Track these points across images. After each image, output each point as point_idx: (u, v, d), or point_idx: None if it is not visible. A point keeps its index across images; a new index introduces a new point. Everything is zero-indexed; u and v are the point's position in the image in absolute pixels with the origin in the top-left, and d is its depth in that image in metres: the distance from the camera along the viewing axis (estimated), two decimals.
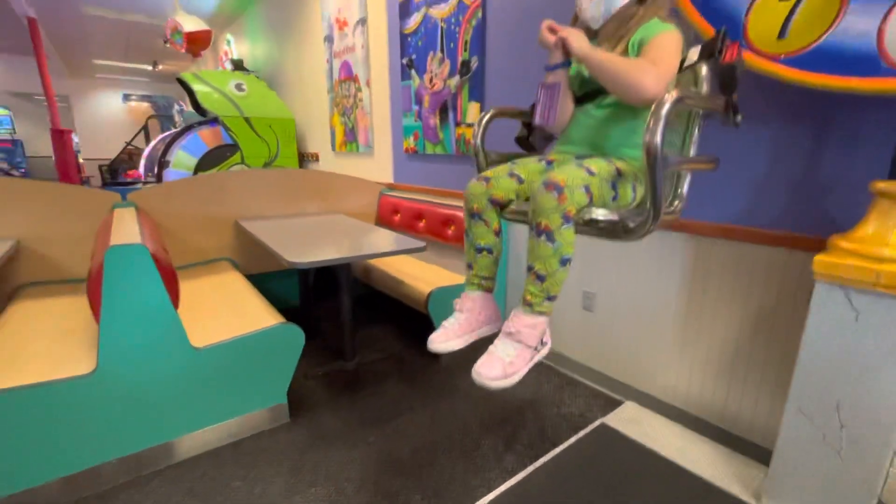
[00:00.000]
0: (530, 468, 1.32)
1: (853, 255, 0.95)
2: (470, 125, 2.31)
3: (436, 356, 2.18)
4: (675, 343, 1.64)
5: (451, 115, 2.43)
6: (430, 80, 2.52)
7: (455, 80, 2.35)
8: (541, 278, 0.84)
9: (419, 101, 2.64)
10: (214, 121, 3.94)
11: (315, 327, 2.53)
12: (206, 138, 3.93)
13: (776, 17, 0.94)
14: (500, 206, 0.97)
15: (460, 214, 2.33)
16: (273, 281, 2.67)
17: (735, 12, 1.01)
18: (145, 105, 10.33)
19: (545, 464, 1.34)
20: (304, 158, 4.47)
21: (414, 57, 2.62)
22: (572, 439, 1.44)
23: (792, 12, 0.92)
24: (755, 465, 1.35)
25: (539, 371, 2.09)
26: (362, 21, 3.06)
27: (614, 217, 0.84)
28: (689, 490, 1.25)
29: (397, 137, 2.95)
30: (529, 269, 0.85)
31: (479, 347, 1.00)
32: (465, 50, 2.25)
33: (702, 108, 0.90)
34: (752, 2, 0.97)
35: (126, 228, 1.58)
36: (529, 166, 1.00)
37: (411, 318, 2.62)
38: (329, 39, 3.54)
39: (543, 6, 1.86)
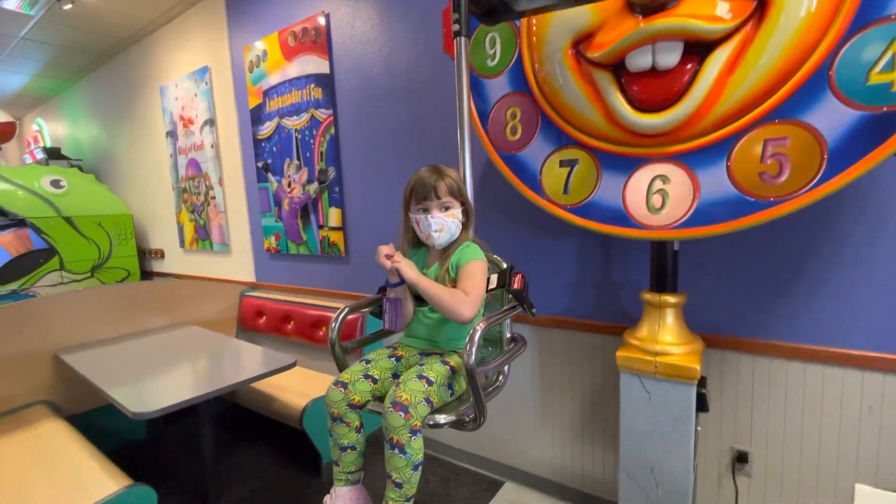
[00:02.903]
0: None
1: (638, 349, 1.25)
2: (333, 228, 2.39)
3: (317, 473, 2.06)
4: (537, 420, 1.85)
5: (312, 217, 2.48)
6: (289, 185, 2.56)
7: (314, 185, 2.44)
8: (398, 485, 0.99)
9: (278, 203, 2.65)
10: (21, 223, 3.33)
11: (169, 463, 2.19)
12: (8, 245, 3.27)
13: (560, 179, 1.26)
14: (359, 407, 1.10)
15: (331, 315, 2.33)
16: (108, 416, 2.25)
17: (534, 169, 1.31)
18: None
19: None
20: (145, 256, 4.00)
21: (270, 161, 2.64)
22: None
23: (569, 176, 1.24)
24: None
25: (425, 464, 2.11)
26: (210, 122, 3.00)
27: (453, 418, 1.05)
28: None
29: (257, 236, 2.87)
30: (388, 476, 1.00)
31: None
32: (322, 160, 2.37)
33: (505, 319, 1.15)
34: (542, 166, 1.28)
35: None
36: (381, 364, 1.15)
37: (285, 433, 2.44)
38: (172, 135, 3.36)
39: (392, 123, 2.09)
